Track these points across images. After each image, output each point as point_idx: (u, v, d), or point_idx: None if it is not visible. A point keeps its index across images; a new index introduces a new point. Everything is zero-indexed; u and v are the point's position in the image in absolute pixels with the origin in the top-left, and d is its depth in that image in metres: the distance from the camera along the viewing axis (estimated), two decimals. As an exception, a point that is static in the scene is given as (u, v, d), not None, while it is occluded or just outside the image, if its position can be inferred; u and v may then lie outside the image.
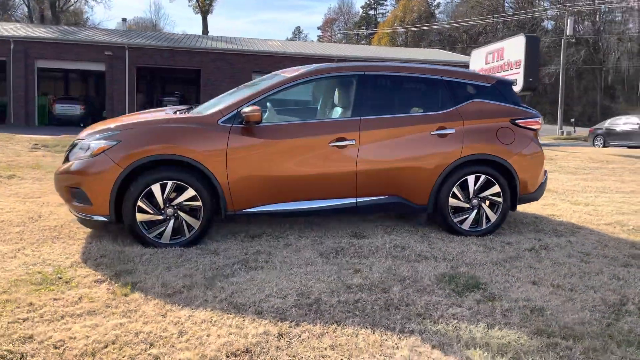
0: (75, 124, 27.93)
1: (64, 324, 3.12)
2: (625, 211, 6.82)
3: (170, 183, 4.56)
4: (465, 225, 5.21)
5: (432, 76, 5.23)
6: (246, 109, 4.59)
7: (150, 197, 4.56)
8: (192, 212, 4.67)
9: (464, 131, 5.08)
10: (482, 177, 5.15)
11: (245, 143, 4.67)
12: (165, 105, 33.02)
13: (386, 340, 3.08)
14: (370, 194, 4.99)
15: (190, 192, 4.60)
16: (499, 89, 5.37)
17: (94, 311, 3.32)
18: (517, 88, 15.15)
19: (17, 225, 5.18)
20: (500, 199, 5.23)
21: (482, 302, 3.65)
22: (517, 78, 14.66)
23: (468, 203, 5.19)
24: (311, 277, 4.00)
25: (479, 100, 5.24)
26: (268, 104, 4.98)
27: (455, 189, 5.12)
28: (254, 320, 3.26)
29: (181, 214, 4.64)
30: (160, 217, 4.61)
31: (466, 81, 5.31)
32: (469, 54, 46.50)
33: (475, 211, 5.21)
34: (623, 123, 23.19)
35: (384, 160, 4.95)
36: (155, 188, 4.55)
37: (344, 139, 4.83)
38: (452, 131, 5.06)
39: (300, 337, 3.08)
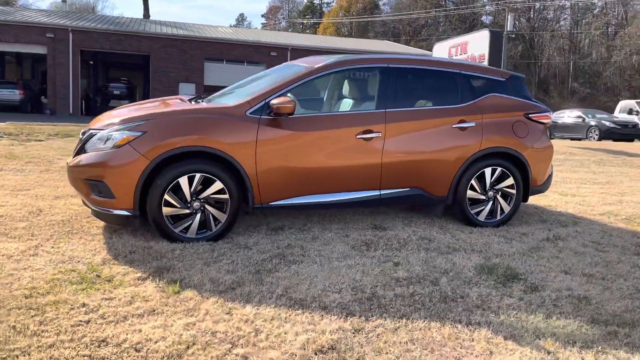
0: (14, 110, 26.47)
1: (130, 325, 2.98)
2: (610, 201, 7.18)
3: (198, 176, 4.41)
4: (481, 217, 5.33)
5: (452, 69, 5.30)
6: (276, 100, 4.50)
7: (176, 191, 4.40)
8: (218, 205, 4.54)
9: (482, 124, 5.19)
10: (498, 169, 5.29)
11: (274, 135, 4.58)
12: (112, 93, 31.99)
13: (459, 332, 3.12)
14: (393, 186, 5.02)
15: (217, 185, 4.47)
16: (513, 83, 5.51)
17: (154, 310, 3.18)
18: (481, 81, 15.58)
19: (21, 220, 4.86)
20: (513, 191, 5.39)
21: (528, 293, 3.76)
22: (482, 71, 15.04)
23: (484, 195, 5.32)
24: (355, 270, 3.99)
25: (495, 95, 5.36)
26: (290, 95, 4.88)
27: (473, 181, 5.23)
28: (322, 316, 3.22)
29: (208, 207, 4.50)
30: (187, 211, 4.46)
31: (483, 75, 5.42)
32: (412, 46, 47.13)
33: (490, 203, 5.34)
34: (567, 116, 24.37)
35: (407, 152, 4.98)
36: (183, 181, 4.39)
37: (370, 132, 4.83)
38: (472, 124, 5.16)
39: (375, 332, 3.07)
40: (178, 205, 4.42)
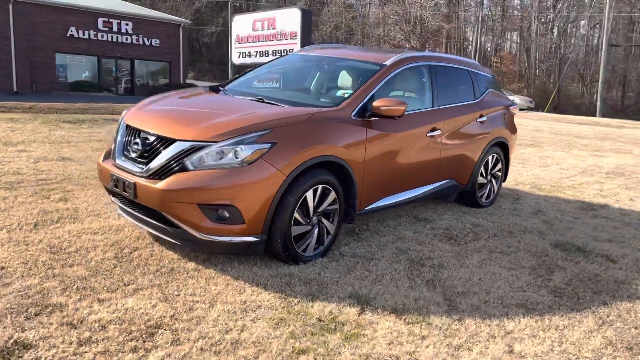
0: None
1: (475, 366, 2.79)
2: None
3: (320, 188, 3.99)
4: (483, 199, 6.02)
5: (466, 68, 5.75)
6: (385, 103, 4.27)
7: (301, 206, 3.91)
8: (327, 216, 4.19)
9: (491, 118, 5.82)
10: (495, 156, 6.03)
11: (376, 137, 4.38)
12: None
13: (651, 306, 3.76)
14: (440, 179, 5.31)
15: (332, 196, 4.12)
16: (494, 80, 6.25)
17: (455, 345, 2.99)
18: (295, 57, 16.06)
19: (66, 266, 3.63)
20: (500, 174, 6.22)
21: (618, 264, 4.60)
22: (294, 49, 15.55)
23: (486, 179, 6.00)
24: (494, 267, 4.25)
25: (492, 90, 6.02)
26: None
27: (482, 169, 5.85)
28: (565, 319, 3.48)
29: (323, 220, 4.12)
30: (308, 228, 4.01)
31: (483, 73, 6.00)
32: (158, 9, 44.17)
33: (489, 186, 6.06)
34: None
35: (454, 146, 5.31)
36: (309, 195, 3.92)
37: (435, 129, 4.99)
38: (486, 118, 5.73)
39: (619, 322, 3.49)
40: (304, 223, 3.95)
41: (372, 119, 4.36)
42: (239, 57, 17.95)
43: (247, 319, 3.11)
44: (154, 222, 3.80)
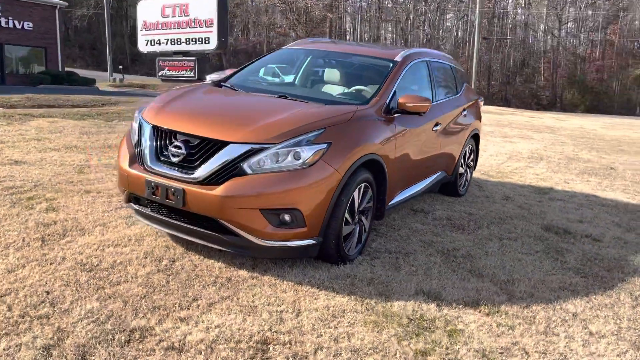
0: None
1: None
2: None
3: (363, 186, 3.99)
4: (461, 187, 6.33)
5: (449, 63, 5.96)
6: (411, 99, 4.33)
7: (349, 206, 3.88)
8: (364, 214, 4.19)
9: (470, 111, 6.11)
10: (470, 147, 6.35)
11: (402, 133, 4.44)
12: None
13: (657, 280, 4.24)
14: (437, 171, 5.50)
15: (370, 193, 4.13)
16: (465, 74, 6.54)
17: (547, 332, 3.17)
18: (211, 47, 15.42)
19: (135, 282, 3.31)
20: (472, 163, 6.56)
21: (605, 242, 5.10)
22: (210, 37, 14.85)
23: (463, 169, 6.31)
24: (514, 253, 4.53)
25: (466, 84, 6.31)
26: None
27: (461, 159, 6.14)
28: (606, 297, 3.82)
29: (362, 218, 4.12)
30: (353, 227, 3.99)
31: (459, 68, 6.26)
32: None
33: (465, 175, 6.38)
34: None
35: (447, 139, 5.50)
36: (356, 194, 3.90)
37: (437, 124, 5.15)
38: (466, 112, 6.01)
39: (641, 295, 3.90)
40: (351, 222, 3.92)
41: (396, 115, 4.40)
42: (146, 45, 16.83)
43: (344, 324, 3.05)
44: (200, 229, 3.56)
